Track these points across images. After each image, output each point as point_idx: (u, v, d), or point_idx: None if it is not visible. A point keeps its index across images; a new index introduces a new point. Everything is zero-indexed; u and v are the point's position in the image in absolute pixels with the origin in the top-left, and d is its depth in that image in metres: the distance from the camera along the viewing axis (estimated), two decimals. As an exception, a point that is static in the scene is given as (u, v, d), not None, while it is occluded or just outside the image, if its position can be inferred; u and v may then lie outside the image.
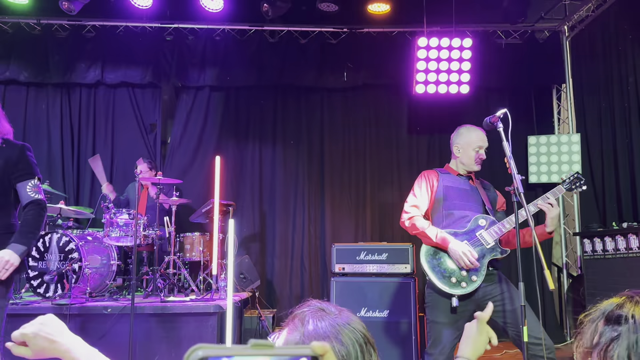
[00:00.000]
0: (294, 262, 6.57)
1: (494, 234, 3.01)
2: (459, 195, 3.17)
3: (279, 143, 6.79)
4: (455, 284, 3.00)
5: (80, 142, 6.65)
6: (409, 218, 3.19)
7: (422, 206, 3.23)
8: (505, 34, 6.68)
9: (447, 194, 3.16)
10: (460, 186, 3.20)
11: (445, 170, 3.32)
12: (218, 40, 6.61)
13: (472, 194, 3.19)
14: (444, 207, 3.15)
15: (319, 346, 0.68)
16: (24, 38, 6.47)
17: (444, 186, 3.19)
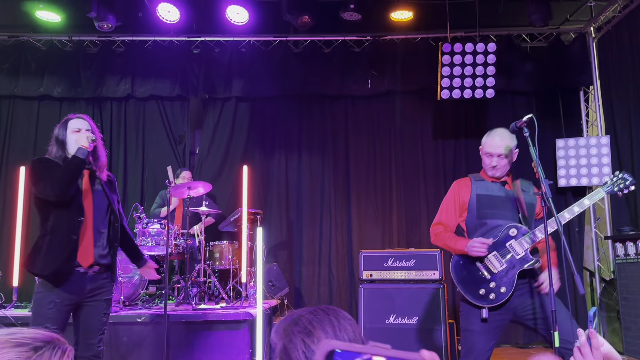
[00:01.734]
0: (321, 269, 6.61)
1: (524, 244, 2.94)
2: (491, 203, 3.09)
3: (305, 151, 6.85)
4: (483, 295, 2.96)
5: (112, 155, 6.82)
6: (434, 236, 3.22)
7: (448, 223, 3.20)
8: (530, 37, 6.64)
9: (480, 203, 3.10)
10: (493, 193, 3.11)
11: (479, 177, 3.22)
12: (243, 52, 6.73)
13: (506, 201, 3.09)
14: (477, 216, 3.09)
15: (428, 354, 0.75)
16: (57, 54, 6.69)
17: (476, 195, 3.12)
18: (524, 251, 2.94)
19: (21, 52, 6.66)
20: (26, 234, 6.43)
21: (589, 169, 6.22)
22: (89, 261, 2.95)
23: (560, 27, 6.59)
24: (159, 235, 5.00)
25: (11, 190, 6.55)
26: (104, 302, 3.04)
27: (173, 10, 5.76)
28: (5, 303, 5.22)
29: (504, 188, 3.14)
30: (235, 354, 4.20)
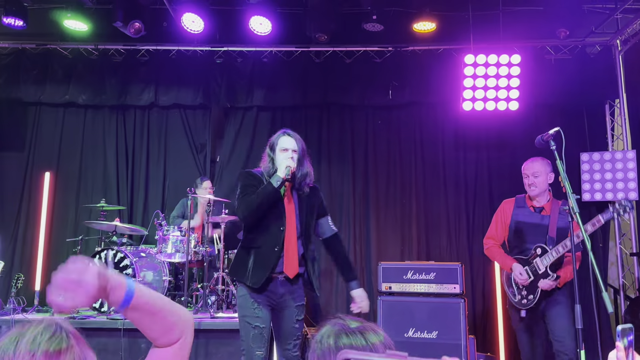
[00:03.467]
0: (339, 280, 6.56)
1: (545, 261, 3.67)
2: (527, 229, 3.82)
3: (324, 161, 6.84)
4: (519, 300, 3.82)
5: (135, 162, 6.90)
6: (486, 249, 4.05)
7: (497, 237, 4.00)
8: (554, 49, 6.56)
9: (517, 229, 3.87)
10: (530, 221, 3.84)
11: (522, 202, 3.95)
12: (265, 62, 6.77)
13: (540, 226, 3.79)
14: (514, 238, 3.91)
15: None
16: (83, 62, 6.80)
17: (514, 222, 3.89)
18: (544, 267, 3.70)
19: (48, 60, 6.79)
20: (49, 239, 6.53)
21: (614, 184, 6.10)
22: (294, 272, 3.12)
23: (585, 40, 6.50)
24: (179, 242, 5.02)
25: (35, 195, 6.66)
26: (295, 309, 3.20)
27: (197, 21, 5.82)
28: (27, 307, 5.29)
29: (540, 215, 3.84)
30: (252, 364, 4.18)
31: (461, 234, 6.61)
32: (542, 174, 3.80)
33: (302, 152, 3.27)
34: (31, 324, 1.10)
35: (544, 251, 3.70)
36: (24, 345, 1.06)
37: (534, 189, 3.83)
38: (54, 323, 1.12)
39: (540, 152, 6.23)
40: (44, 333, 1.08)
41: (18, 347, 1.05)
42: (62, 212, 6.72)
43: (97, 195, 6.57)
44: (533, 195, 3.87)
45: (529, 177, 3.83)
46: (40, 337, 1.08)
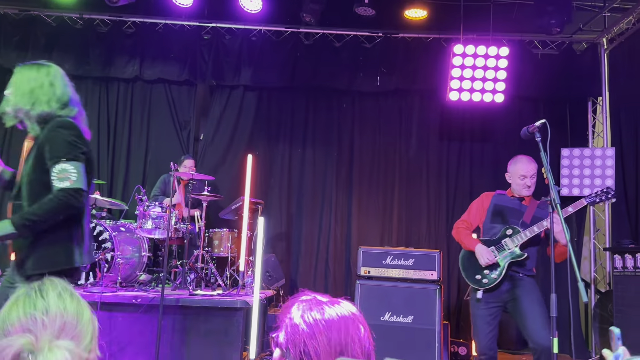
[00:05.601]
0: (318, 262, 6.62)
1: (515, 241, 3.60)
2: (503, 212, 3.77)
3: (309, 144, 6.84)
4: (479, 280, 3.67)
5: (116, 136, 6.81)
6: (455, 229, 3.94)
7: (469, 221, 3.91)
8: (542, 44, 6.62)
9: (494, 211, 3.80)
10: (507, 205, 3.78)
11: (503, 193, 3.88)
12: (254, 41, 6.70)
13: (516, 212, 3.72)
14: (490, 221, 3.81)
15: None
16: (67, 31, 6.64)
17: (493, 204, 3.82)
18: (515, 246, 3.60)
19: (31, 26, 6.61)
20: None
21: (592, 180, 6.21)
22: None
23: (572, 36, 6.57)
24: (160, 218, 4.99)
25: (14, 165, 6.52)
26: None
27: (186, -6, 5.73)
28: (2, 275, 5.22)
29: (519, 203, 3.77)
30: (229, 341, 4.20)
31: (440, 222, 6.70)
32: (536, 174, 3.71)
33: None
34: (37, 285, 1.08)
35: (515, 232, 3.62)
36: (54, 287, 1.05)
37: (531, 189, 3.70)
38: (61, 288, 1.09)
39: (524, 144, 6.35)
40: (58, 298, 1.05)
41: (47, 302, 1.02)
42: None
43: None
44: (526, 195, 3.73)
45: (527, 179, 3.66)
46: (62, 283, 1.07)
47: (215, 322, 4.26)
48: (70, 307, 1.03)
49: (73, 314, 1.02)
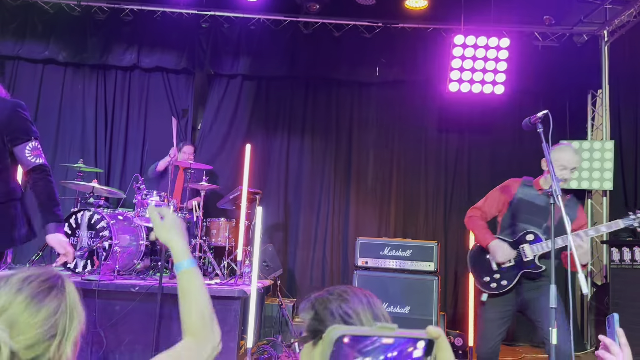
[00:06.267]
0: (316, 253, 6.62)
1: (535, 250, 3.19)
2: (528, 209, 3.32)
3: (308, 134, 6.82)
4: (486, 282, 3.30)
5: (114, 124, 6.78)
6: (468, 217, 3.49)
7: (487, 211, 3.46)
8: (542, 36, 6.59)
9: (518, 207, 3.34)
10: (534, 201, 3.33)
11: (530, 183, 3.42)
12: (252, 30, 6.66)
13: (543, 210, 3.26)
14: (511, 217, 3.36)
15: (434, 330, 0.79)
16: (64, 19, 6.59)
17: (518, 198, 3.36)
18: (532, 256, 3.19)
19: (28, 13, 6.56)
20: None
21: (590, 173, 6.21)
22: None
23: (573, 28, 6.54)
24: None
25: (10, 152, 6.49)
26: None
27: (185, -18, 5.68)
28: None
29: (546, 199, 3.13)
30: (226, 330, 4.20)
31: (438, 213, 6.70)
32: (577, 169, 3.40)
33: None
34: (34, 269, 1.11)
35: (536, 238, 3.22)
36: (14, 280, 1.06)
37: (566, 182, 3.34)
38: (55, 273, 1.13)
39: (524, 136, 6.34)
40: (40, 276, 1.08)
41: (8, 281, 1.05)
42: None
43: (74, 155, 6.45)
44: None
45: (567, 171, 3.23)
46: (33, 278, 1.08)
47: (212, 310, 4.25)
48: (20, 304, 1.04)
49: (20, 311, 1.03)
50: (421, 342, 0.76)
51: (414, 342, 0.76)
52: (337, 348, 0.70)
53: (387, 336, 0.73)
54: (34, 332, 1.03)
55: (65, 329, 1.07)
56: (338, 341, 0.69)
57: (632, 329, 4.83)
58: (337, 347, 0.70)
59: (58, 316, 1.06)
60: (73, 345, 1.09)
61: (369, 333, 0.72)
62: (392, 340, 0.73)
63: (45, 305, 1.05)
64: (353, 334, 0.71)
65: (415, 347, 0.76)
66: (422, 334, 0.76)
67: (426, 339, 0.76)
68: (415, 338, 0.75)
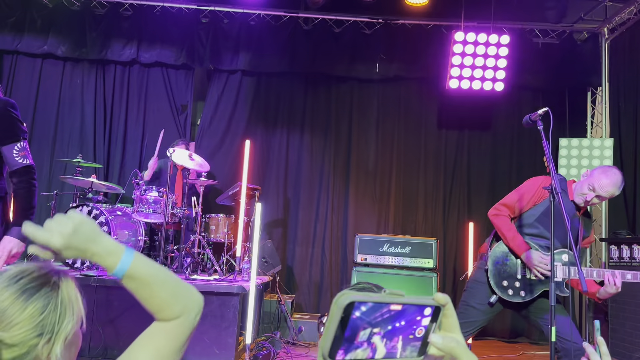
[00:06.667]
0: (314, 249, 6.62)
1: (566, 272, 3.01)
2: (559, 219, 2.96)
3: (307, 130, 6.81)
4: (504, 287, 3.10)
5: (113, 119, 6.76)
6: (495, 214, 3.18)
7: (513, 209, 3.19)
8: (542, 33, 6.58)
9: (548, 211, 2.99)
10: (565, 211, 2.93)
11: (565, 187, 3.17)
12: (252, 25, 6.64)
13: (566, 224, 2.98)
14: (536, 219, 3.12)
15: (441, 297, 0.78)
16: (63, 13, 6.56)
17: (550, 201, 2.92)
18: (561, 279, 3.01)
19: (27, 7, 6.53)
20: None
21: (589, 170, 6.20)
22: None
23: (573, 26, 6.53)
24: (157, 203, 4.96)
25: None
26: None
27: (185, -23, 5.65)
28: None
29: (575, 212, 3.13)
30: (225, 326, 4.21)
31: (437, 210, 6.70)
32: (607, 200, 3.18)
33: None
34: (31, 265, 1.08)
35: (571, 261, 2.98)
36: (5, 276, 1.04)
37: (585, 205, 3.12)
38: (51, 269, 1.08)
39: (523, 133, 6.33)
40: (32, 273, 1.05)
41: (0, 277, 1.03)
42: (36, 165, 6.49)
43: (73, 150, 6.43)
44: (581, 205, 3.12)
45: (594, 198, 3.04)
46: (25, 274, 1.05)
47: (211, 307, 4.26)
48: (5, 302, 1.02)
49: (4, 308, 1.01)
50: (428, 309, 0.77)
51: (422, 309, 0.76)
52: (345, 315, 0.70)
53: (395, 302, 0.73)
54: (20, 330, 1.00)
55: (55, 328, 1.03)
56: (348, 308, 0.70)
57: (631, 325, 4.84)
58: (346, 315, 0.70)
59: (46, 314, 1.03)
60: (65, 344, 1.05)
61: (378, 299, 0.72)
62: (400, 307, 0.74)
63: (32, 303, 1.02)
64: (362, 300, 0.71)
65: (422, 315, 0.77)
66: (429, 301, 0.77)
67: (433, 306, 0.77)
68: (422, 304, 0.76)
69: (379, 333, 0.73)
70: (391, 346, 0.75)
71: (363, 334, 0.72)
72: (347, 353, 0.72)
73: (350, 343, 0.71)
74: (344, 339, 0.71)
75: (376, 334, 0.73)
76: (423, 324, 0.77)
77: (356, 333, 0.71)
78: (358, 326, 0.71)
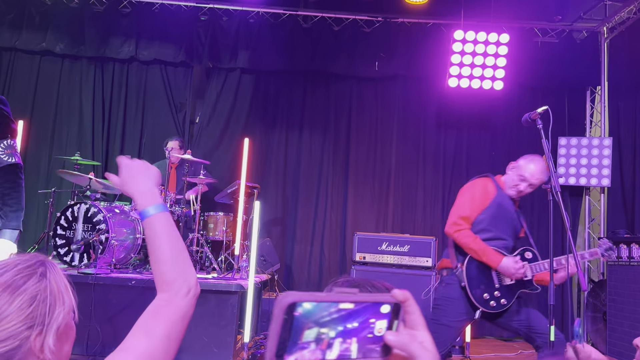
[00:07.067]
0: (313, 248, 6.61)
1: (535, 270, 3.08)
2: (505, 216, 3.18)
3: (306, 129, 6.80)
4: (486, 300, 3.07)
5: (111, 117, 6.74)
6: (459, 230, 3.11)
7: (471, 217, 3.15)
8: (542, 32, 6.57)
9: (498, 212, 3.14)
10: (508, 207, 3.20)
11: (500, 186, 3.24)
12: (252, 23, 6.62)
13: (512, 218, 3.21)
14: (489, 222, 3.14)
15: (399, 293, 0.70)
16: (62, 10, 6.54)
17: (497, 204, 3.16)
18: (531, 276, 3.09)
19: (25, 4, 6.50)
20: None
21: (588, 170, 6.21)
22: None
23: (573, 25, 6.53)
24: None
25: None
26: None
27: (184, -26, 5.63)
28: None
29: (513, 205, 3.25)
30: (223, 324, 4.20)
31: (436, 209, 6.69)
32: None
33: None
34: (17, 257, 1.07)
35: (534, 257, 3.11)
36: None
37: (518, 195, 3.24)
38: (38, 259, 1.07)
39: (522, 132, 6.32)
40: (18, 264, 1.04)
41: None
42: (34, 162, 6.55)
43: (71, 147, 6.41)
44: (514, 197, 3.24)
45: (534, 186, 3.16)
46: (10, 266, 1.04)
47: (209, 305, 4.25)
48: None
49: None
50: (386, 307, 0.69)
51: (377, 307, 0.69)
52: (288, 316, 0.64)
53: (344, 301, 0.66)
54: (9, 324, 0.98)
55: (45, 319, 1.02)
56: (290, 309, 0.64)
57: (629, 324, 4.85)
58: (288, 316, 0.64)
59: (35, 305, 1.01)
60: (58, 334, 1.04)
61: (325, 298, 0.66)
62: (353, 306, 0.67)
63: (20, 295, 1.00)
64: (306, 300, 0.65)
65: (380, 313, 0.69)
66: (386, 298, 0.69)
67: (391, 303, 0.70)
68: (378, 302, 0.69)
69: (328, 333, 0.67)
70: (344, 347, 0.68)
71: (308, 333, 0.66)
72: (292, 355, 0.66)
73: (295, 344, 0.65)
74: (290, 341, 0.65)
75: (324, 334, 0.67)
76: (381, 322, 0.70)
77: (300, 333, 0.65)
78: (303, 326, 0.65)
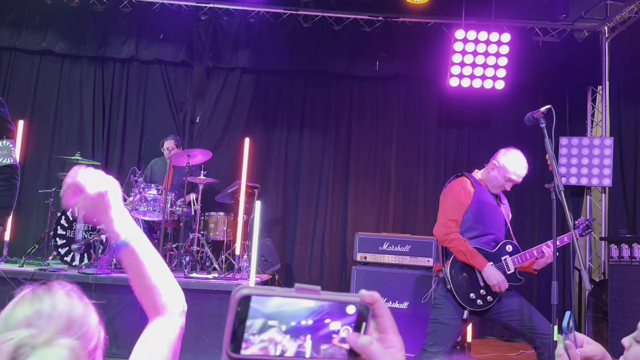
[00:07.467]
0: (314, 248, 6.60)
1: (516, 262, 3.17)
2: (489, 211, 3.25)
3: (307, 128, 6.79)
4: (472, 299, 3.13)
5: (112, 117, 6.73)
6: (448, 234, 3.19)
7: (459, 219, 3.23)
8: (543, 31, 6.56)
9: (480, 208, 3.22)
10: (490, 201, 3.27)
11: (477, 181, 3.34)
12: (252, 23, 6.61)
13: (497, 212, 3.29)
14: (473, 220, 3.21)
15: (367, 294, 0.65)
16: (62, 10, 6.53)
17: (478, 200, 3.24)
18: (514, 268, 3.17)
19: (25, 4, 6.50)
20: (20, 188, 6.34)
21: (589, 169, 6.20)
22: None
23: (574, 24, 6.52)
24: (155, 201, 4.94)
25: (7, 144, 6.44)
26: None
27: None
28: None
29: (496, 201, 3.34)
30: (224, 324, 4.18)
31: (437, 209, 6.63)
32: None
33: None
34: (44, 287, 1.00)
35: (514, 249, 3.20)
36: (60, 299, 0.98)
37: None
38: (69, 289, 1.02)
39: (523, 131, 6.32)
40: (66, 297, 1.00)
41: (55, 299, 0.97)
42: (34, 162, 6.54)
43: (72, 147, 6.41)
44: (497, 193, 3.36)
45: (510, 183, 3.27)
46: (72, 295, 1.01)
47: (210, 305, 4.24)
48: (78, 307, 0.98)
49: (81, 314, 0.97)
50: (351, 308, 0.65)
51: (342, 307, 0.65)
52: (242, 309, 0.62)
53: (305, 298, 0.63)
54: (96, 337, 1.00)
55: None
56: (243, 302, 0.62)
57: (630, 325, 4.83)
58: (242, 308, 0.62)
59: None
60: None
61: (283, 294, 0.63)
62: (313, 304, 0.63)
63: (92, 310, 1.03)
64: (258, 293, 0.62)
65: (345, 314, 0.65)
66: (353, 298, 0.65)
67: (358, 304, 0.65)
68: (343, 302, 0.64)
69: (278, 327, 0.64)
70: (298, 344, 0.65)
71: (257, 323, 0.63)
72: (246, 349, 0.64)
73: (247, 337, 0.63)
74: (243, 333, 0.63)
75: (273, 327, 0.64)
76: (347, 323, 0.66)
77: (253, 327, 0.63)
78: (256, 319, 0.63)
